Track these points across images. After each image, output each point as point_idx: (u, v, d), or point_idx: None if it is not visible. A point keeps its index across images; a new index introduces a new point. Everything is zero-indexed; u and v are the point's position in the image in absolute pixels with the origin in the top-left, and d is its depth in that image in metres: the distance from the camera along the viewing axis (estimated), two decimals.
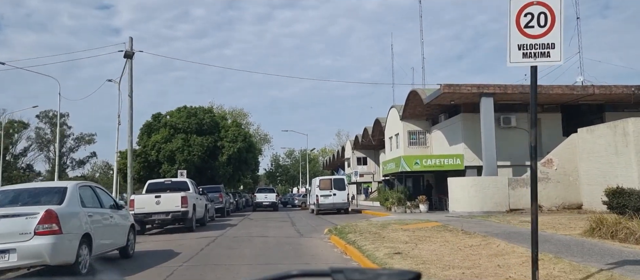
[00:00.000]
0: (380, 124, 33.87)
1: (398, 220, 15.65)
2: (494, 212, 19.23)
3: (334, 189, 26.62)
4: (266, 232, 15.24)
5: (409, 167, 22.57)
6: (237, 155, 33.99)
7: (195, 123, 33.26)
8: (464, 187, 19.71)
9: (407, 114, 27.59)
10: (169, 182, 16.82)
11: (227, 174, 34.05)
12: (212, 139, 33.79)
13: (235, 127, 34.65)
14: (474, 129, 22.82)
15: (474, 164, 22.76)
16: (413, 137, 27.95)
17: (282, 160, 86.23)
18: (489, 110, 20.45)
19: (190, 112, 33.96)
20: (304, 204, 44.19)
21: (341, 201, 26.59)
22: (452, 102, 22.24)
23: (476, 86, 20.42)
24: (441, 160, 22.66)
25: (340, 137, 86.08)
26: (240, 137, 34.20)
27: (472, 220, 14.79)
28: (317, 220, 21.32)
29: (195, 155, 32.08)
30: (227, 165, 34.01)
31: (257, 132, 62.48)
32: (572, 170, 20.69)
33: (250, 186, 73.31)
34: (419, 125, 28.04)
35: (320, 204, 26.51)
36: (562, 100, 22.12)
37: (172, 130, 33.04)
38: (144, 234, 15.46)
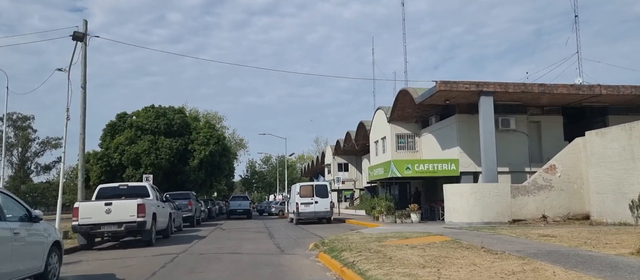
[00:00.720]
0: (365, 127, 31.83)
1: (394, 233, 13.46)
2: (495, 223, 17.28)
3: (316, 196, 24.34)
4: (240, 246, 12.81)
5: (399, 173, 20.51)
6: (210, 159, 31.34)
7: (164, 123, 30.49)
8: (463, 195, 17.73)
9: (395, 115, 25.60)
10: (125, 188, 14.21)
11: (198, 179, 31.34)
12: (183, 141, 31.06)
13: (208, 129, 32.02)
14: (470, 131, 20.96)
15: (469, 169, 20.86)
16: (401, 140, 25.96)
17: (259, 167, 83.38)
18: (488, 111, 18.60)
19: (158, 111, 31.18)
20: (281, 212, 41.71)
21: (323, 209, 24.32)
22: (446, 102, 20.33)
23: (475, 84, 18.55)
24: (434, 166, 20.67)
25: (318, 144, 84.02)
26: (213, 140, 31.58)
27: (482, 234, 12.73)
28: (298, 231, 18.98)
29: (164, 159, 29.29)
30: (199, 169, 31.32)
31: (232, 136, 59.66)
32: (576, 177, 18.99)
33: (225, 193, 70.21)
34: (407, 128, 26.08)
35: (301, 212, 24.17)
36: (565, 102, 20.49)
37: (138, 131, 30.19)
38: (91, 250, 12.81)
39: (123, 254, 11.68)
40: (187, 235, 17.67)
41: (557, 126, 21.52)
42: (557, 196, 18.75)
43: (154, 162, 28.85)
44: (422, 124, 25.94)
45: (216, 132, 32.66)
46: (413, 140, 26.08)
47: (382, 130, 27.48)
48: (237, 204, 34.53)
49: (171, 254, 11.01)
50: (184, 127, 31.63)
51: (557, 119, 21.54)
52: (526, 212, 18.55)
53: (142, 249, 12.43)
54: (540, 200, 18.69)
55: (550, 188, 18.78)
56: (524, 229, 14.60)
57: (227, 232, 19.07)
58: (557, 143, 21.04)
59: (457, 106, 21.14)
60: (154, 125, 30.13)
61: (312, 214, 24.28)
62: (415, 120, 25.93)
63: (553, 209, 18.64)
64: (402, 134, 25.98)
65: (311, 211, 24.24)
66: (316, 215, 24.39)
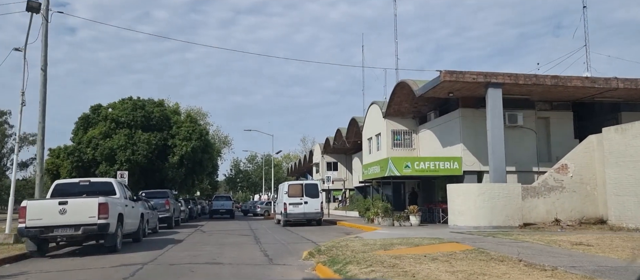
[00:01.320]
0: (357, 124, 30.10)
1: (400, 239, 11.71)
2: (505, 227, 15.68)
3: (306, 196, 22.50)
4: (220, 254, 10.92)
5: (398, 171, 18.80)
6: (191, 155, 29.25)
7: (141, 116, 28.30)
8: (469, 196, 16.08)
9: (391, 110, 23.91)
10: (86, 183, 12.14)
11: (178, 177, 29.22)
12: (162, 136, 28.91)
13: (190, 124, 29.91)
14: (475, 127, 19.37)
15: (473, 168, 19.25)
16: (397, 137, 24.27)
17: (244, 165, 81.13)
18: (497, 104, 17.00)
19: (136, 104, 28.97)
20: (267, 213, 39.76)
21: (314, 211, 22.49)
22: (450, 95, 18.68)
23: (483, 74, 16.93)
24: (436, 164, 19.01)
25: (305, 143, 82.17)
26: (195, 135, 29.49)
27: (502, 241, 11.06)
28: (287, 234, 17.13)
29: (141, 154, 27.11)
30: (179, 167, 29.20)
31: (216, 133, 57.40)
32: (590, 177, 17.52)
33: (209, 192, 67.84)
34: (404, 124, 24.41)
35: (289, 213, 22.31)
36: (577, 96, 19.02)
37: (113, 124, 27.94)
38: (44, 257, 10.77)
39: (77, 263, 9.68)
40: (162, 239, 15.67)
41: (567, 123, 20.05)
42: (568, 198, 17.25)
43: (130, 158, 26.65)
44: (419, 120, 24.30)
45: (198, 126, 30.59)
46: (410, 137, 24.42)
47: (376, 126, 25.78)
48: (219, 204, 34.69)
49: (135, 264, 9.05)
50: (164, 121, 29.48)
51: (567, 115, 20.08)
52: (536, 215, 17.01)
53: (103, 257, 10.43)
54: (551, 202, 17.17)
55: (562, 189, 17.28)
56: (543, 234, 12.99)
57: (208, 236, 17.11)
58: (567, 141, 19.59)
59: (460, 100, 19.52)
60: (131, 118, 27.92)
61: (301, 215, 22.44)
62: (412, 116, 24.28)
63: (564, 211, 17.13)
64: (399, 130, 24.30)
65: (300, 212, 22.41)
66: (305, 217, 22.56)
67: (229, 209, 34.02)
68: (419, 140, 24.13)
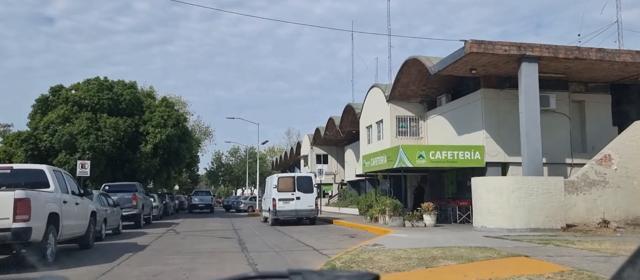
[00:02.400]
0: (353, 111, 27.08)
1: (435, 248, 8.74)
2: (545, 230, 12.89)
3: (298, 191, 19.45)
4: (192, 271, 7.77)
5: (410, 162, 15.85)
6: (167, 144, 25.85)
7: (108, 99, 24.75)
8: (502, 192, 13.24)
9: (396, 94, 20.94)
10: (7, 172, 8.84)
11: (152, 168, 25.80)
12: (133, 121, 25.42)
13: (165, 108, 26.46)
14: (499, 112, 16.55)
15: (497, 159, 16.43)
16: (402, 124, 21.34)
17: (226, 158, 77.48)
18: (532, 81, 14.18)
19: (102, 84, 25.38)
20: (252, 209, 36.58)
21: (307, 207, 19.47)
22: (472, 72, 15.77)
23: (516, 45, 14.05)
24: (454, 154, 16.12)
25: (290, 136, 78.90)
26: (171, 121, 26.07)
27: (572, 251, 8.18)
28: (280, 237, 14.04)
29: (107, 142, 23.61)
30: (153, 157, 25.76)
31: (197, 124, 53.72)
32: (637, 171, 14.86)
33: (188, 186, 64.15)
34: (410, 110, 21.47)
35: (279, 211, 19.23)
36: (619, 76, 16.33)
37: (74, 107, 24.34)
38: None
39: None
40: (121, 244, 12.42)
41: (605, 107, 17.39)
42: (612, 195, 14.58)
43: (93, 146, 23.12)
44: (427, 105, 21.39)
45: (175, 112, 27.15)
46: (417, 124, 21.51)
47: (378, 112, 22.80)
48: (198, 199, 35.34)
49: None
50: (135, 105, 25.97)
51: (604, 98, 17.41)
52: (574, 214, 14.26)
53: (14, 276, 7.20)
54: (592, 199, 14.45)
55: (604, 184, 14.58)
56: (607, 240, 10.21)
57: (180, 238, 13.89)
58: (604, 128, 16.96)
59: (482, 79, 16.66)
60: (96, 100, 24.35)
61: (292, 212, 19.39)
62: (419, 100, 21.36)
63: (608, 210, 14.44)
64: (404, 116, 21.35)
65: (291, 209, 19.34)
66: (297, 215, 19.52)
67: (208, 204, 34.67)
68: (427, 127, 21.23)
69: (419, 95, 21.03)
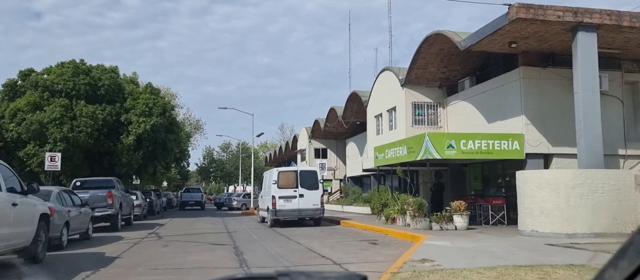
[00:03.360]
0: (359, 99, 24.52)
1: (521, 269, 6.25)
2: (613, 235, 10.45)
3: (301, 188, 16.91)
4: None
5: (438, 153, 13.33)
6: (152, 135, 23.11)
7: (85, 84, 21.93)
8: (558, 189, 10.79)
9: (413, 77, 18.42)
10: None
11: (135, 162, 23.05)
12: (113, 109, 22.64)
13: (150, 95, 23.69)
14: (540, 94, 14.11)
15: (539, 150, 13.96)
16: (419, 111, 18.83)
17: (217, 154, 74.54)
18: (590, 55, 11.76)
19: (78, 68, 22.55)
20: (245, 207, 33.98)
21: (312, 207, 16.94)
22: (512, 46, 13.26)
23: (572, 11, 11.57)
24: (489, 144, 13.63)
25: (283, 131, 76.22)
26: (157, 110, 23.33)
27: None
28: (284, 243, 11.48)
29: (83, 132, 20.82)
30: (136, 149, 23.03)
31: (186, 117, 50.78)
32: None
33: (177, 183, 61.29)
34: (428, 95, 18.96)
35: (279, 210, 16.68)
36: None
37: (46, 93, 21.50)
38: None
39: None
40: (85, 254, 9.78)
41: None
42: None
43: (67, 136, 20.31)
44: (447, 89, 18.90)
45: (161, 99, 24.36)
46: (435, 111, 19.01)
47: (390, 98, 20.26)
48: (189, 196, 36.05)
49: None
50: (116, 92, 23.18)
51: None
52: (636, 216, 11.89)
53: None
54: None
55: None
56: None
57: (162, 246, 11.27)
58: None
59: (520, 56, 14.18)
60: (71, 85, 21.51)
61: (294, 212, 16.85)
62: (438, 84, 18.84)
63: None
64: (421, 102, 18.83)
65: (294, 209, 16.80)
66: (300, 214, 16.97)
67: (198, 201, 35.33)
68: (446, 115, 18.74)
69: (438, 79, 18.53)
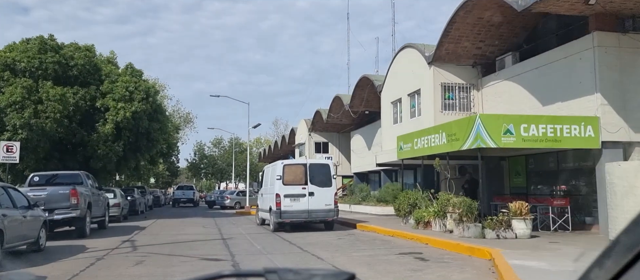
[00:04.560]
0: (372, 84, 21.55)
1: None
2: None
3: (311, 184, 13.99)
4: None
5: (493, 141, 10.42)
6: (133, 123, 19.97)
7: (53, 63, 18.71)
8: None
9: (442, 53, 15.51)
10: None
11: (113, 154, 19.88)
12: (87, 93, 19.46)
13: (130, 77, 20.52)
14: (621, 67, 11.24)
15: (618, 137, 11.10)
16: (450, 95, 15.93)
17: (208, 150, 71.20)
18: None
19: (46, 44, 19.31)
20: (239, 205, 30.94)
21: (324, 207, 14.02)
22: (589, 3, 10.40)
23: None
24: (556, 129, 10.74)
25: (277, 126, 73.16)
26: (139, 94, 20.17)
27: None
28: (297, 256, 8.50)
29: (50, 118, 17.64)
30: (115, 140, 19.88)
31: (176, 110, 47.47)
32: None
33: (166, 179, 57.97)
34: (459, 75, 16.06)
35: (285, 211, 13.73)
36: None
37: (6, 72, 18.26)
38: None
39: None
40: None
41: None
42: None
43: (29, 123, 17.11)
44: (482, 69, 16.02)
45: (144, 82, 21.18)
46: (467, 94, 16.12)
47: (412, 80, 17.34)
48: (182, 193, 36.78)
49: None
50: (91, 73, 19.98)
51: None
52: None
53: None
54: None
55: None
56: None
57: (134, 264, 8.21)
58: None
59: (593, 19, 11.29)
60: (36, 64, 18.29)
61: (303, 213, 13.90)
62: (472, 63, 15.96)
63: None
64: (451, 84, 15.93)
65: (302, 209, 13.86)
66: (309, 216, 14.02)
67: (190, 198, 36.15)
68: (481, 98, 15.87)
69: (472, 56, 15.65)
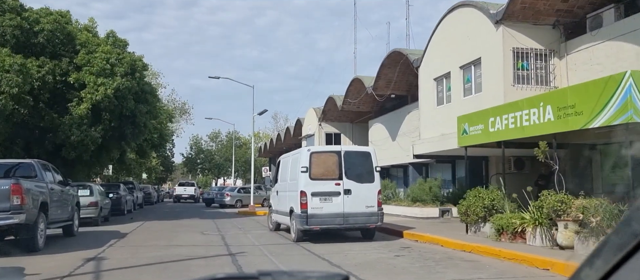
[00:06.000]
0: (406, 59, 17.85)
1: None
2: None
3: (348, 179, 10.40)
4: None
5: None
6: (115, 104, 16.21)
7: (12, 27, 14.91)
8: None
9: (518, 7, 11.82)
10: None
11: (90, 141, 16.11)
12: (58, 66, 15.71)
13: (111, 47, 16.74)
14: None
15: None
16: (524, 64, 12.26)
17: (205, 144, 67.38)
18: None
19: (3, 3, 15.48)
20: (240, 203, 27.28)
21: (365, 210, 10.47)
22: None
23: None
24: None
25: (277, 120, 69.48)
26: (122, 68, 16.39)
27: None
28: None
29: (5, 94, 13.88)
30: (92, 123, 16.14)
31: (171, 99, 43.62)
32: None
33: (159, 175, 54.18)
34: (536, 39, 12.39)
35: (314, 215, 10.15)
36: None
37: None
38: None
39: None
40: None
41: None
42: None
43: None
44: (566, 30, 12.35)
45: (128, 54, 17.36)
46: (545, 63, 12.46)
47: (469, 48, 13.67)
48: (182, 190, 38.34)
49: None
50: (64, 43, 16.19)
51: None
52: None
53: None
54: None
55: None
56: None
57: None
58: None
59: None
60: None
61: (337, 218, 10.30)
62: (553, 23, 12.30)
63: None
64: (525, 50, 12.26)
65: (336, 213, 10.27)
66: (346, 222, 10.38)
67: (191, 195, 37.55)
68: (566, 68, 12.22)
69: (555, 13, 11.98)
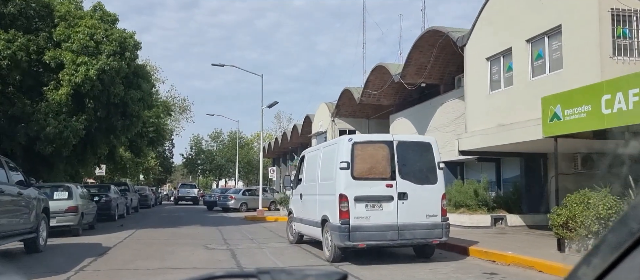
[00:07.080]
0: (445, 38, 15.09)
1: None
2: None
3: (402, 179, 7.65)
4: None
5: None
6: (100, 89, 13.45)
7: None
8: None
9: None
10: None
11: (71, 132, 13.34)
12: (32, 42, 12.99)
13: (97, 21, 13.98)
14: None
15: None
16: (624, 31, 9.46)
17: (206, 144, 64.72)
18: None
19: None
20: (244, 207, 24.57)
21: (425, 220, 7.71)
22: None
23: None
24: None
25: (280, 120, 66.91)
26: (110, 47, 13.61)
27: None
28: None
29: None
30: (73, 112, 13.41)
31: (170, 95, 40.87)
32: None
33: (157, 175, 51.43)
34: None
35: (357, 226, 7.41)
36: None
37: None
38: None
39: None
40: None
41: None
42: None
43: None
44: None
45: (118, 31, 14.56)
46: None
47: (543, 16, 10.88)
48: (185, 191, 37.96)
49: None
50: (40, 14, 13.47)
51: None
52: None
53: None
54: None
55: None
56: None
57: None
58: None
59: None
60: None
61: (389, 231, 7.57)
62: None
63: None
64: (628, 11, 9.52)
65: (389, 224, 7.55)
66: (401, 237, 7.63)
67: (193, 196, 37.42)
68: None
69: None
